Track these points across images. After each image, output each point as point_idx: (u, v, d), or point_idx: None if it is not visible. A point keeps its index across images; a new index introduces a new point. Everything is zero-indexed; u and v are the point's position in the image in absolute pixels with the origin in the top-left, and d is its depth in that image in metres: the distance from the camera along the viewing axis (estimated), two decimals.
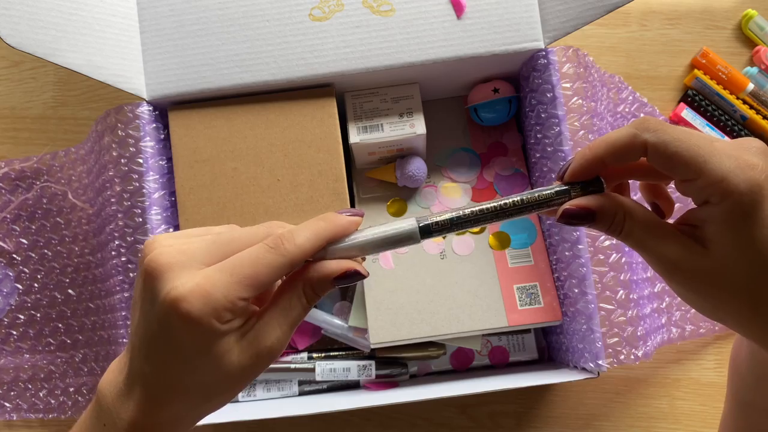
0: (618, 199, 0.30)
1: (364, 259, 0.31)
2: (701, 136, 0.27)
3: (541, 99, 0.54)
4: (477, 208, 0.30)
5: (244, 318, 0.29)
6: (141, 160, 0.52)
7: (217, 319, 0.27)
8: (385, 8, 0.53)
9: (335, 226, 0.30)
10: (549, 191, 0.30)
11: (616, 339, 0.49)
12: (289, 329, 0.29)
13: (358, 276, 0.30)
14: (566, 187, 0.30)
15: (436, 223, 0.30)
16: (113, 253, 0.53)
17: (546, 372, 0.55)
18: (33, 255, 0.63)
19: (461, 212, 0.30)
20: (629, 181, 0.33)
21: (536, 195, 0.30)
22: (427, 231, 0.30)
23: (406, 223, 0.30)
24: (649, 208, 0.32)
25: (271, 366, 0.57)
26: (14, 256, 0.63)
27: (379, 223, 0.31)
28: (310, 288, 0.30)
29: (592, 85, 0.54)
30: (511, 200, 0.30)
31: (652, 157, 0.28)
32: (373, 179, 0.60)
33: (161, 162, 0.54)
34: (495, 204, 0.31)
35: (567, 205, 0.30)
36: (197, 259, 0.28)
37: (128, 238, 0.51)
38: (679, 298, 0.60)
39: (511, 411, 0.60)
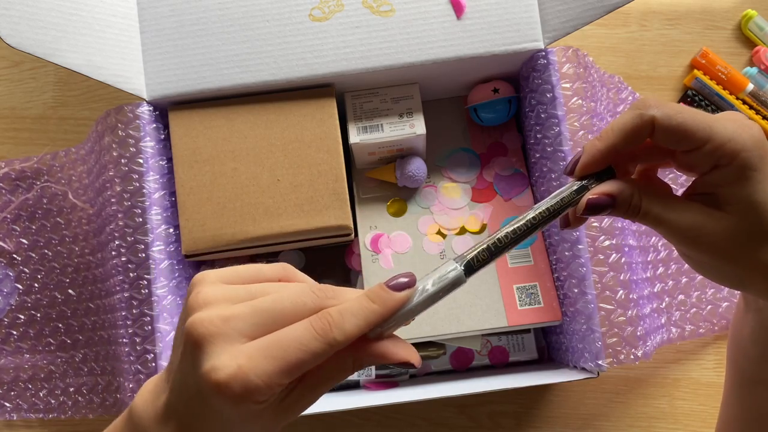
0: (631, 182, 0.31)
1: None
2: (697, 110, 0.29)
3: (541, 99, 0.54)
4: (511, 230, 0.30)
5: (282, 393, 0.28)
6: (141, 160, 0.52)
7: (255, 402, 0.27)
8: (385, 8, 0.53)
9: (387, 309, 0.29)
10: (569, 191, 0.31)
11: (615, 339, 0.49)
12: (320, 395, 0.29)
13: (409, 366, 0.30)
14: (584, 183, 0.31)
15: (477, 259, 0.30)
16: (113, 253, 0.53)
17: (546, 372, 0.55)
18: (33, 255, 0.63)
19: (497, 238, 0.30)
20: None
21: (560, 199, 0.31)
22: (470, 269, 0.30)
23: (450, 269, 0.29)
24: None
25: None
26: (14, 256, 0.63)
27: (421, 277, 0.29)
28: (359, 363, 0.29)
29: (592, 86, 0.54)
30: (538, 212, 0.31)
31: (660, 131, 0.29)
32: (373, 179, 0.60)
33: (161, 162, 0.54)
34: (525, 221, 0.31)
35: (590, 196, 0.31)
36: (240, 331, 0.27)
37: (128, 238, 0.51)
38: (679, 298, 0.60)
39: (510, 411, 0.60)
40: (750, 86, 0.63)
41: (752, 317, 0.35)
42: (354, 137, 0.56)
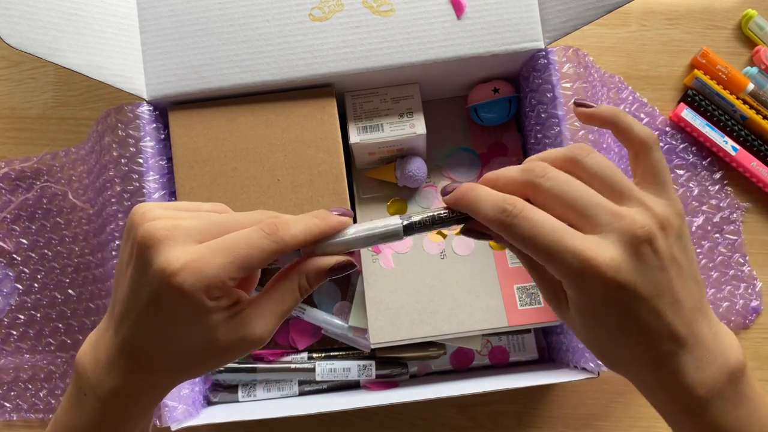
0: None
1: (351, 254, 0.33)
2: (554, 226, 0.28)
3: (541, 99, 0.54)
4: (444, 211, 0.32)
5: (232, 299, 0.29)
6: (141, 160, 0.52)
7: (207, 295, 0.28)
8: (385, 8, 0.53)
9: (327, 225, 0.31)
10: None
11: None
12: (278, 319, 0.31)
13: (351, 267, 0.32)
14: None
15: (419, 223, 0.32)
16: (113, 253, 0.53)
17: (546, 372, 0.55)
18: (33, 255, 0.63)
19: (442, 213, 0.32)
20: None
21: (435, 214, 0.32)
22: (409, 229, 0.32)
23: (394, 223, 0.32)
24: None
25: (271, 366, 0.57)
26: (14, 256, 0.63)
27: (367, 220, 0.33)
28: (305, 280, 0.31)
29: (592, 85, 0.54)
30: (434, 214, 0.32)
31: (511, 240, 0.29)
32: (373, 179, 0.60)
33: (161, 162, 0.54)
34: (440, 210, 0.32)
35: (468, 225, 0.32)
36: (192, 236, 0.29)
37: None
38: None
39: (511, 411, 0.60)
40: (750, 86, 0.63)
41: None
42: (354, 137, 0.56)
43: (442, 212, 0.32)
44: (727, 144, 0.63)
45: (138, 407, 0.31)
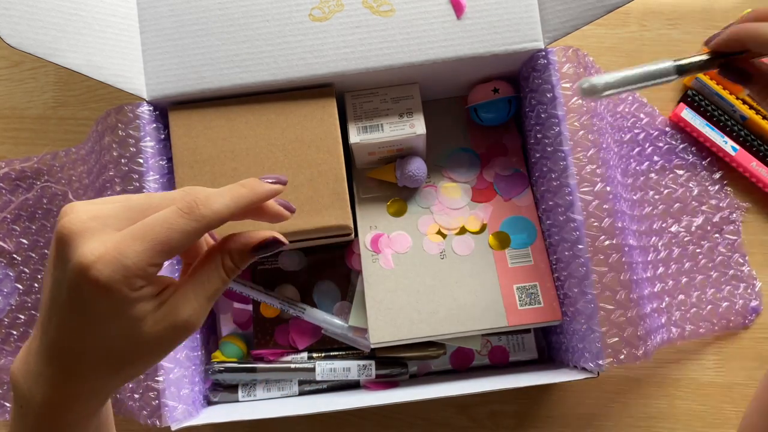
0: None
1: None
2: None
3: (541, 99, 0.54)
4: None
5: (159, 286, 0.28)
6: (141, 160, 0.52)
7: (127, 286, 0.26)
8: (385, 8, 0.53)
9: (255, 193, 0.29)
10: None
11: (616, 339, 0.49)
12: (206, 302, 0.29)
13: (278, 244, 0.30)
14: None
15: (692, 65, 0.36)
16: None
17: (546, 372, 0.55)
18: (33, 255, 0.63)
19: (701, 57, 0.36)
20: None
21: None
22: (682, 71, 0.36)
23: (663, 65, 0.36)
24: None
25: (271, 366, 0.57)
26: (15, 256, 0.63)
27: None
28: (229, 259, 0.29)
29: None
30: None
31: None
32: (373, 179, 0.60)
33: (161, 162, 0.54)
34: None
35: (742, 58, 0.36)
36: (109, 224, 0.27)
37: None
38: (679, 298, 0.60)
39: (511, 411, 0.60)
40: None
41: None
42: (354, 137, 0.56)
43: (704, 57, 0.35)
44: (727, 144, 0.63)
45: (74, 415, 0.29)
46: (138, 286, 0.27)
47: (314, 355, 0.58)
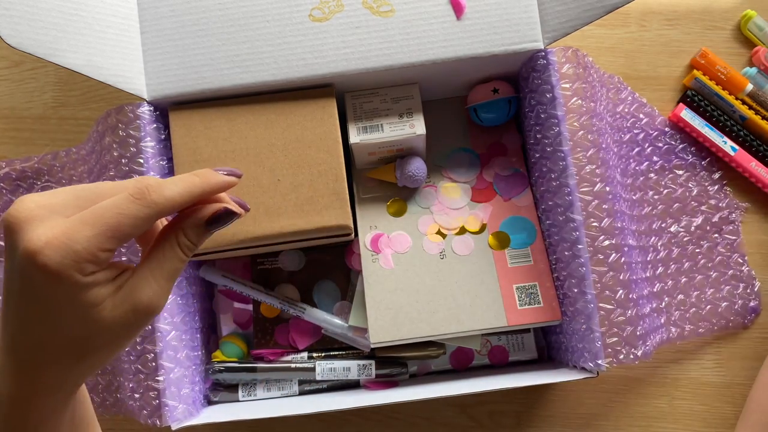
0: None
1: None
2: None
3: (541, 99, 0.54)
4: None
5: (115, 271, 0.28)
6: (142, 161, 0.52)
7: (78, 271, 0.26)
8: (384, 9, 0.53)
9: (208, 183, 0.29)
10: None
11: (615, 339, 0.50)
12: (165, 282, 0.29)
13: (230, 215, 0.30)
14: None
15: None
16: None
17: (546, 372, 0.55)
18: None
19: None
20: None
21: None
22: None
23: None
24: None
25: (272, 366, 0.57)
26: None
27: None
28: (183, 236, 0.29)
29: (592, 86, 0.55)
30: None
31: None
32: (373, 179, 0.61)
33: (162, 162, 0.54)
34: None
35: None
36: (57, 212, 0.27)
37: None
38: (678, 298, 0.60)
39: (510, 410, 0.61)
40: (749, 86, 0.63)
41: None
42: (354, 137, 0.56)
43: None
44: (726, 144, 0.63)
45: (39, 412, 0.28)
46: (89, 272, 0.26)
47: (314, 354, 0.58)
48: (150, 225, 0.28)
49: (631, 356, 0.50)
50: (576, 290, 0.51)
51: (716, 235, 0.63)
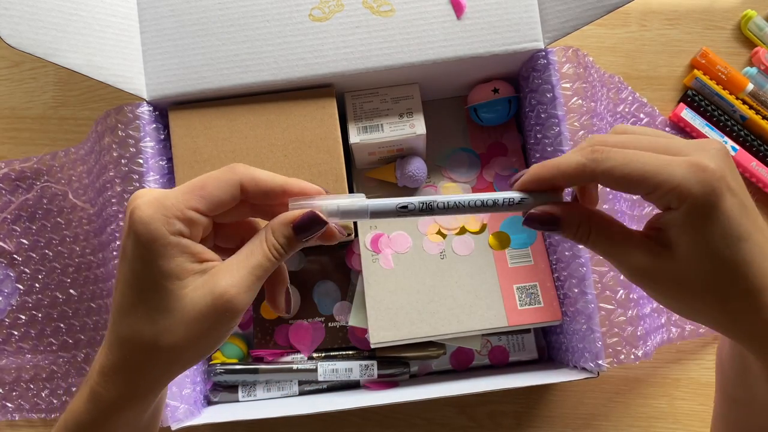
0: (582, 209, 0.30)
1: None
2: (649, 154, 0.28)
3: (541, 99, 0.54)
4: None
5: (200, 249, 0.29)
6: (141, 161, 0.52)
7: (166, 225, 0.28)
8: (385, 8, 0.53)
9: (296, 181, 0.31)
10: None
11: (616, 339, 0.50)
12: (247, 274, 0.29)
13: (317, 222, 0.30)
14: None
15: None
16: (114, 253, 0.53)
17: (546, 372, 0.55)
18: (34, 255, 0.63)
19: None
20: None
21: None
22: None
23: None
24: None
25: (272, 366, 0.57)
26: (15, 256, 0.63)
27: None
28: (271, 234, 0.30)
29: (592, 86, 0.54)
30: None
31: (605, 183, 0.29)
32: (373, 179, 0.61)
33: (161, 162, 0.54)
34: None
35: (533, 210, 0.30)
36: (168, 191, 0.29)
37: None
38: None
39: (511, 411, 0.61)
40: (750, 86, 0.63)
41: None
42: (354, 137, 0.56)
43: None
44: (727, 144, 0.63)
45: (126, 396, 0.30)
46: (176, 229, 0.28)
47: (315, 355, 0.58)
48: (234, 191, 0.29)
49: (632, 356, 0.50)
50: (576, 290, 0.51)
51: None
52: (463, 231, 0.58)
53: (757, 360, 0.30)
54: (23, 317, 0.62)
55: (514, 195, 0.31)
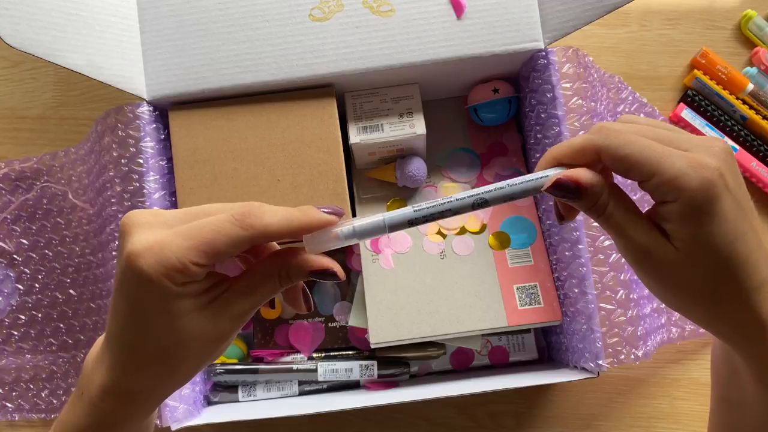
0: (606, 179, 0.30)
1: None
2: (653, 142, 0.28)
3: (541, 99, 0.54)
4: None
5: (204, 285, 0.29)
6: (141, 161, 0.52)
7: (169, 279, 0.27)
8: (385, 8, 0.53)
9: (309, 219, 0.30)
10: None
11: (616, 339, 0.50)
12: (256, 302, 0.30)
13: (334, 276, 0.30)
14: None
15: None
16: (114, 253, 0.53)
17: (546, 372, 0.55)
18: (34, 255, 0.63)
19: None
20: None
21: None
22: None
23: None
24: None
25: (272, 366, 0.57)
26: (15, 256, 0.63)
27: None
28: (286, 272, 0.30)
29: (592, 86, 0.54)
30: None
31: (606, 159, 0.29)
32: (373, 179, 0.60)
33: (161, 162, 0.54)
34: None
35: (560, 176, 0.30)
36: (166, 223, 0.28)
37: None
38: None
39: (511, 411, 0.61)
40: (750, 86, 0.63)
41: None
42: (354, 137, 0.56)
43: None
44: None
45: (126, 410, 0.30)
46: (179, 281, 0.27)
47: (315, 355, 0.58)
48: (244, 248, 0.28)
49: (632, 356, 0.50)
50: (576, 290, 0.51)
51: None
52: (463, 231, 0.58)
53: (743, 360, 0.31)
54: (23, 317, 0.62)
55: (531, 176, 0.32)
